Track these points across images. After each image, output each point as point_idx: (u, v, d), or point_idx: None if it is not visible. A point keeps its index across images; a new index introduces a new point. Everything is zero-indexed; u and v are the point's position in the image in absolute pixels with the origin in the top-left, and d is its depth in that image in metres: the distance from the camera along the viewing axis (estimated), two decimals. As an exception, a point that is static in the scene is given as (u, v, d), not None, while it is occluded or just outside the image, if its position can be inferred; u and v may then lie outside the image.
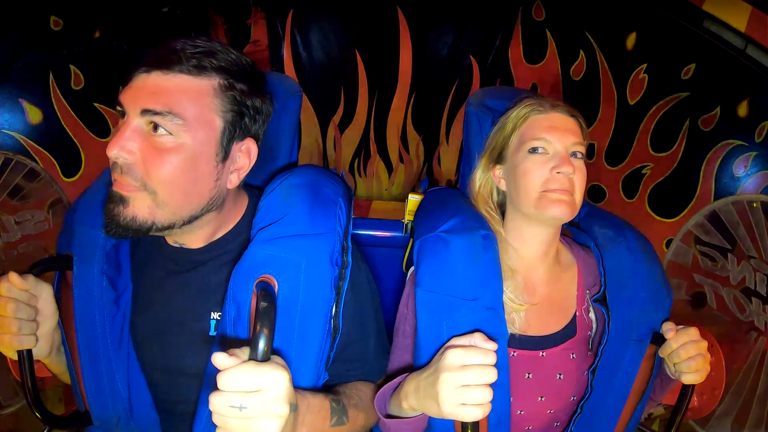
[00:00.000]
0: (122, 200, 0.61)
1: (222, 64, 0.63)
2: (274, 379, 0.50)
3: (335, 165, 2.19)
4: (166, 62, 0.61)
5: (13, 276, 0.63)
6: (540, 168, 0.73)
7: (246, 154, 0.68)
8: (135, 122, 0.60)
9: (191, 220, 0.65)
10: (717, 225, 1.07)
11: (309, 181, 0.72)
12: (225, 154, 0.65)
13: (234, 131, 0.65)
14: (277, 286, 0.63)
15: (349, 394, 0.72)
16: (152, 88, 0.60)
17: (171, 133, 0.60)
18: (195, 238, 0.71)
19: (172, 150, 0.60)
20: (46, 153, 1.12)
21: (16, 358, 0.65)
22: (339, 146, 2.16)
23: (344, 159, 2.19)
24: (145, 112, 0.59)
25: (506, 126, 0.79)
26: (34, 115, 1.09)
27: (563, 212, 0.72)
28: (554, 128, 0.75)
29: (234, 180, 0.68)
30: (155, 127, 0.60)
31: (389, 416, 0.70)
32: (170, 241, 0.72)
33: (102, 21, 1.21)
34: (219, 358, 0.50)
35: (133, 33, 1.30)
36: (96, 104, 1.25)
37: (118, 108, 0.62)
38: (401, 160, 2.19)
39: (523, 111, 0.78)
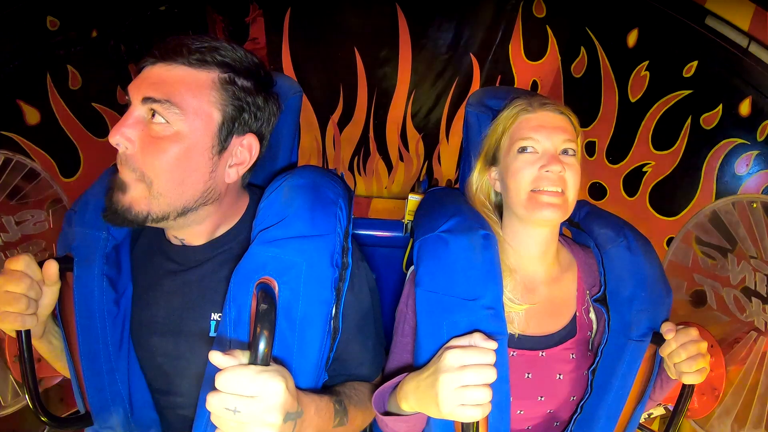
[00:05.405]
0: (122, 186, 0.63)
1: (225, 60, 0.65)
2: (271, 387, 0.50)
3: (334, 164, 2.18)
4: (169, 55, 0.63)
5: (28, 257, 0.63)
6: (529, 167, 0.73)
7: (247, 149, 0.68)
8: (137, 111, 0.63)
9: (185, 211, 0.66)
10: (717, 225, 1.07)
11: (309, 182, 0.72)
12: (222, 147, 0.66)
13: (233, 125, 0.66)
14: (277, 288, 0.63)
15: (349, 394, 0.73)
16: (154, 78, 0.63)
17: (168, 122, 0.62)
18: (195, 234, 0.71)
19: (168, 138, 0.62)
20: (45, 153, 1.11)
21: (14, 335, 0.64)
22: (338, 145, 2.16)
23: (344, 157, 2.18)
24: (145, 100, 0.62)
25: (497, 128, 0.80)
26: (31, 115, 1.08)
27: (552, 214, 0.72)
28: (542, 127, 0.75)
29: (232, 175, 0.68)
30: (153, 114, 0.62)
31: (387, 413, 0.70)
32: (172, 238, 0.72)
33: (99, 20, 1.21)
34: (216, 356, 0.51)
35: (130, 32, 1.30)
36: (94, 104, 1.24)
37: (127, 98, 0.65)
38: (401, 158, 2.19)
39: (512, 112, 0.78)
